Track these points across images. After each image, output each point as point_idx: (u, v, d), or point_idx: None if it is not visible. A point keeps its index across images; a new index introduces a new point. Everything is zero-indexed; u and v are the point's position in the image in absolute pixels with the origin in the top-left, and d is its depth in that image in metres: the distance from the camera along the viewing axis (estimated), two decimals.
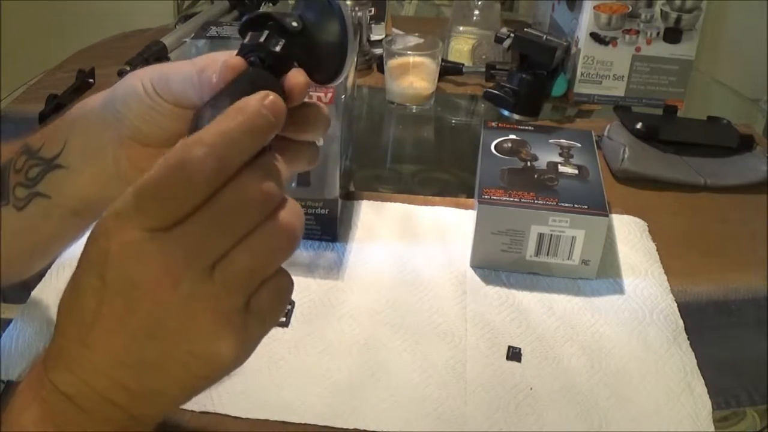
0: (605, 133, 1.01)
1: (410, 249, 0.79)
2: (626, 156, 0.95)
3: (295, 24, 0.41)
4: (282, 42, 0.40)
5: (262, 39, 0.40)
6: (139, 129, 0.46)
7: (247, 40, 0.41)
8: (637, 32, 1.12)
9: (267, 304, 0.37)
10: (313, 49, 0.42)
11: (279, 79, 0.40)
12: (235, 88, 0.38)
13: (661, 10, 1.11)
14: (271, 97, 0.36)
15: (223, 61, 0.40)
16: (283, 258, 0.37)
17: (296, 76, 0.41)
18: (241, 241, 0.35)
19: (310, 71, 0.42)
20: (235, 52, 0.41)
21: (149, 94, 0.45)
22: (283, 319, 0.69)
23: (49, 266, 0.72)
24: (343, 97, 0.72)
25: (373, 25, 1.26)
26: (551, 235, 0.73)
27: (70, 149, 0.48)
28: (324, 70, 0.43)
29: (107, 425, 0.37)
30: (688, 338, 0.69)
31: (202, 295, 0.35)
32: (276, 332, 0.67)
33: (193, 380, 0.37)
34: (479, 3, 1.27)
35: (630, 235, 0.83)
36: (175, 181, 0.34)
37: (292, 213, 0.37)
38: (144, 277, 0.35)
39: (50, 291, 0.70)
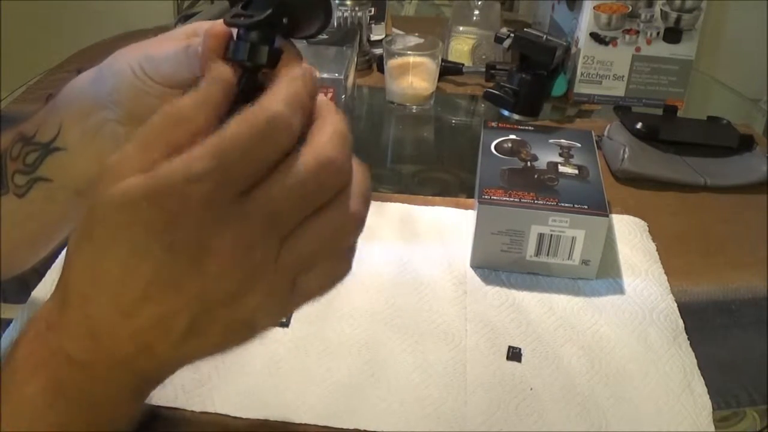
0: (605, 133, 1.01)
1: (410, 249, 0.79)
2: (626, 156, 0.95)
3: None
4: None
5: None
6: (134, 111, 0.45)
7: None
8: (637, 32, 1.12)
9: (315, 286, 0.36)
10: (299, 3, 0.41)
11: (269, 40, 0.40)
12: None
13: (661, 10, 1.11)
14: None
15: (205, 31, 0.40)
16: (348, 240, 0.36)
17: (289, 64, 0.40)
18: (314, 215, 0.34)
19: (300, 25, 0.42)
20: (217, 21, 0.41)
21: (140, 78, 0.45)
22: (283, 319, 0.69)
23: (49, 266, 0.72)
24: (343, 97, 0.72)
25: (373, 25, 1.26)
26: (551, 235, 0.73)
27: (66, 131, 0.48)
28: (313, 22, 0.43)
29: (121, 390, 0.36)
30: (688, 338, 0.69)
31: (268, 265, 0.34)
32: (276, 332, 0.67)
33: (225, 346, 0.36)
34: (479, 3, 1.27)
35: (630, 235, 0.83)
36: (263, 141, 0.32)
37: (360, 191, 0.35)
38: (220, 242, 0.32)
39: (50, 291, 0.70)
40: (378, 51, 1.21)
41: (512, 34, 1.10)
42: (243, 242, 0.33)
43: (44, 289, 0.70)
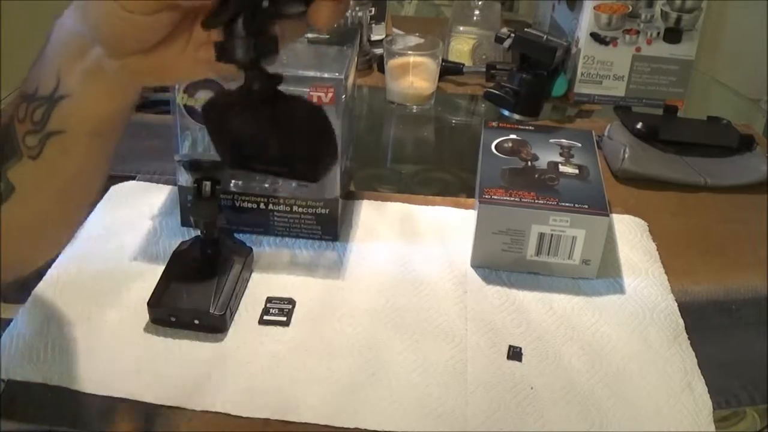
0: (605, 133, 1.01)
1: (411, 249, 0.79)
2: (626, 156, 0.95)
3: None
4: None
5: None
6: (123, 44, 0.44)
7: None
8: (637, 32, 1.12)
9: None
10: None
11: None
12: None
13: (661, 10, 1.11)
14: None
15: None
16: None
17: None
18: None
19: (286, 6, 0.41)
20: None
21: (121, 16, 0.42)
22: (284, 319, 0.69)
23: (48, 266, 0.72)
24: (343, 97, 0.72)
25: (373, 25, 1.26)
26: (552, 234, 0.73)
27: (65, 77, 0.47)
28: None
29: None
30: (689, 338, 0.69)
31: None
32: (276, 332, 0.67)
33: None
34: (479, 3, 1.27)
35: (630, 235, 0.83)
36: None
37: None
38: None
39: (50, 291, 0.70)
40: (378, 51, 1.21)
41: (512, 34, 1.10)
42: None
43: (44, 289, 0.70)
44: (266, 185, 0.77)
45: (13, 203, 0.50)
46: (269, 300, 0.71)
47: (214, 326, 0.66)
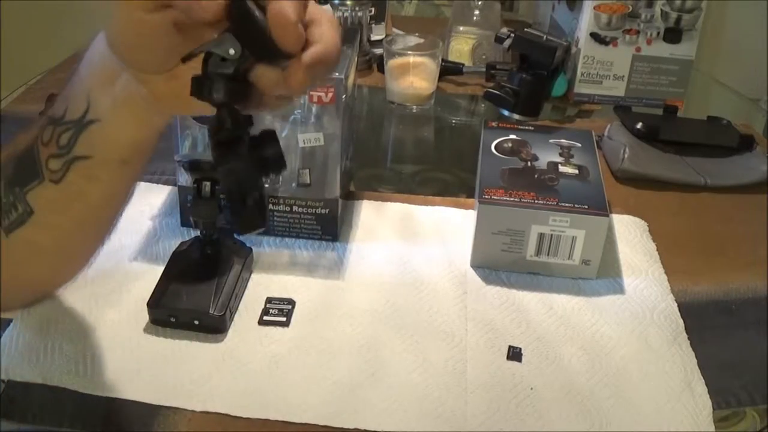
0: (605, 133, 1.01)
1: (410, 249, 0.79)
2: (626, 156, 0.95)
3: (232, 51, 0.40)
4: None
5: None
6: (138, 53, 0.44)
7: None
8: (637, 32, 1.12)
9: None
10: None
11: None
12: None
13: (661, 10, 1.11)
14: None
15: None
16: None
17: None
18: None
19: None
20: None
21: (128, 17, 0.43)
22: (284, 320, 0.69)
23: None
24: (343, 97, 0.72)
25: (373, 25, 1.26)
26: (551, 235, 0.73)
27: (96, 101, 0.47)
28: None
29: None
30: (689, 338, 0.69)
31: None
32: (276, 332, 0.67)
33: None
34: (479, 3, 1.27)
35: (630, 235, 0.83)
36: None
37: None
38: None
39: None
40: (378, 51, 1.21)
41: (512, 34, 1.10)
42: None
43: None
44: (266, 185, 0.77)
45: (31, 226, 0.50)
46: (269, 300, 0.71)
47: (214, 327, 0.66)
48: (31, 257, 0.51)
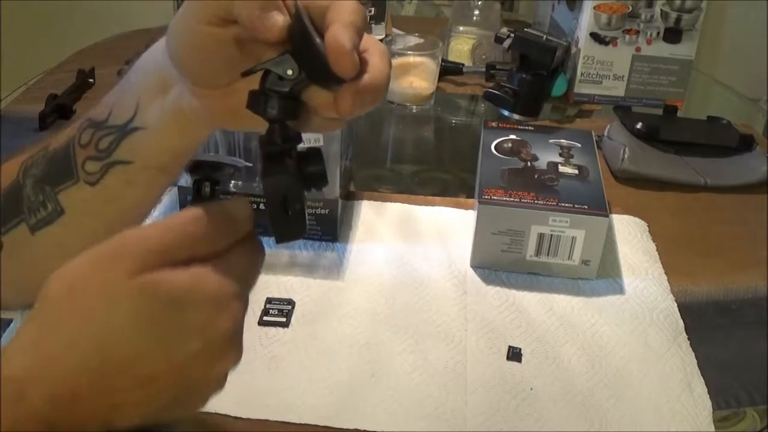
0: (605, 133, 1.01)
1: (410, 249, 0.79)
2: (626, 156, 0.95)
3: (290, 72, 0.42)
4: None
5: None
6: (200, 67, 0.44)
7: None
8: (637, 32, 1.12)
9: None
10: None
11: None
12: None
13: (661, 10, 1.11)
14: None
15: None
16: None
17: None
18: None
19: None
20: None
21: (192, 30, 0.43)
22: (283, 320, 0.69)
23: None
24: None
25: (373, 25, 1.26)
26: (551, 235, 0.73)
27: (144, 109, 0.47)
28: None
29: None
30: (688, 338, 0.69)
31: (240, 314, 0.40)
32: (276, 332, 0.67)
33: (198, 404, 0.42)
34: (479, 3, 1.27)
35: (630, 235, 0.83)
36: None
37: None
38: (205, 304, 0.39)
39: None
40: None
41: (512, 34, 1.10)
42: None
43: None
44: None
45: (60, 226, 0.50)
46: (269, 301, 0.71)
47: None
48: (55, 257, 0.51)
